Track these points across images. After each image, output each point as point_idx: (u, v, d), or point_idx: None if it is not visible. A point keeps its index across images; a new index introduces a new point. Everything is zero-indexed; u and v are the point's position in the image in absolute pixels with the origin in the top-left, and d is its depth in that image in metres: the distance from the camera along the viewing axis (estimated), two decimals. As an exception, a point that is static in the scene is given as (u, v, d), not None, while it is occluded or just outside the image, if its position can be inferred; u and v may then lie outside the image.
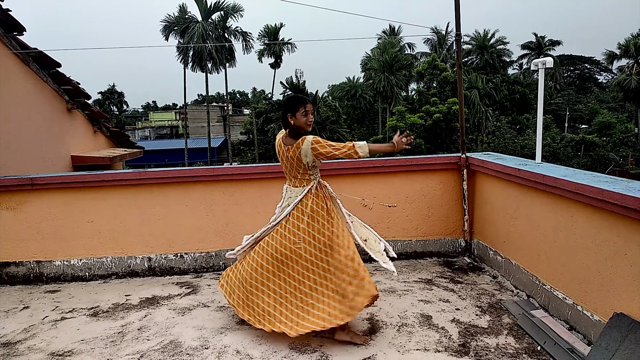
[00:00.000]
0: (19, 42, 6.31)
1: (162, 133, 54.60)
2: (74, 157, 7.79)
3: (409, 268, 4.51)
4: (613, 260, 2.69)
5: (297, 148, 3.06)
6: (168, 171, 4.64)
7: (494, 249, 4.27)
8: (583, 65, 57.38)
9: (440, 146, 29.96)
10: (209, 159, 39.43)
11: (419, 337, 3.12)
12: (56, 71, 7.20)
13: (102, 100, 56.09)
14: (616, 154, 29.46)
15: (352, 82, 45.83)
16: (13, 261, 4.64)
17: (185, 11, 38.44)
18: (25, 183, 4.53)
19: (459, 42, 4.77)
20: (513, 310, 3.44)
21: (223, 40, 38.11)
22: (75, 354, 3.12)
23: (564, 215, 3.15)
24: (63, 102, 7.62)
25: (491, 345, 2.97)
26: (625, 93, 40.26)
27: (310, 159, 3.06)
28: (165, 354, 3.06)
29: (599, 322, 2.80)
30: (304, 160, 3.08)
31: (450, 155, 4.77)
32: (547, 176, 3.22)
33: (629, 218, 2.53)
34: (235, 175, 4.60)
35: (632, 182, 2.81)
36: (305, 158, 3.06)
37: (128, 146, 10.21)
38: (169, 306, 3.87)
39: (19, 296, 4.32)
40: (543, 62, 8.79)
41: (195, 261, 4.70)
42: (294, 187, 3.21)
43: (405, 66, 40.11)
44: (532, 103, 36.85)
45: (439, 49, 45.87)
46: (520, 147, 30.93)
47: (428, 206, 4.73)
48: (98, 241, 4.65)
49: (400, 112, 31.63)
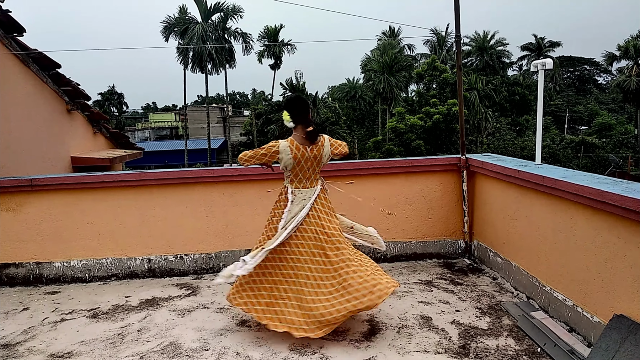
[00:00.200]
0: (19, 43, 6.32)
1: (161, 134, 54.56)
2: (73, 158, 7.79)
3: (409, 269, 4.51)
4: (613, 262, 2.69)
5: (321, 146, 3.19)
6: (168, 172, 4.64)
7: (493, 251, 4.27)
8: (583, 66, 57.41)
9: (440, 147, 29.98)
10: (209, 160, 39.43)
11: (419, 339, 3.12)
12: (56, 72, 7.21)
13: (102, 101, 56.06)
14: (616, 156, 29.45)
15: (351, 83, 45.83)
16: (13, 262, 4.64)
17: (185, 12, 38.45)
18: (25, 184, 4.52)
19: (458, 44, 4.77)
20: (513, 311, 3.43)
21: (223, 42, 38.14)
22: (75, 356, 3.11)
23: (563, 216, 3.15)
24: (63, 103, 7.63)
25: (491, 346, 2.97)
26: (625, 94, 40.28)
27: (328, 157, 3.26)
28: (165, 355, 3.05)
29: (599, 323, 2.80)
30: (324, 158, 3.26)
31: (450, 156, 4.77)
32: (546, 177, 3.22)
33: (629, 219, 2.53)
34: (235, 177, 4.60)
35: (631, 183, 2.81)
36: (325, 156, 3.25)
37: (128, 147, 10.21)
38: (168, 307, 3.87)
39: (18, 297, 4.31)
40: (543, 63, 8.79)
41: (195, 262, 4.69)
42: (304, 188, 3.24)
43: (405, 67, 40.13)
44: (532, 104, 36.87)
45: (438, 50, 45.88)
46: (520, 148, 30.96)
47: (428, 207, 4.73)
48: (98, 242, 4.64)
49: (400, 113, 31.66)
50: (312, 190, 3.26)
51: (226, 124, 46.44)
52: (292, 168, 3.21)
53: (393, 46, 41.75)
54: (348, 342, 3.11)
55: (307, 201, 3.20)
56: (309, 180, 3.25)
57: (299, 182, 3.25)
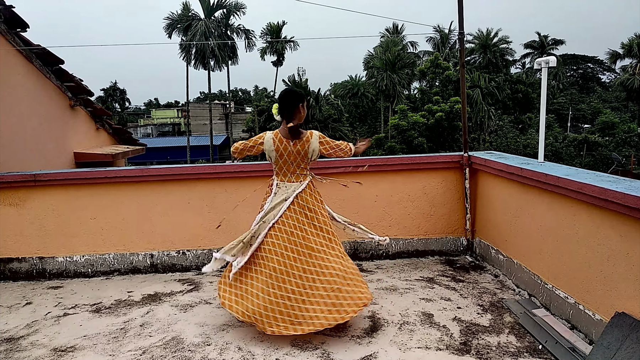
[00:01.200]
0: (22, 38, 6.33)
1: (164, 130, 54.62)
2: (76, 154, 7.81)
3: (411, 266, 4.51)
4: (615, 260, 2.69)
5: (306, 142, 3.16)
6: (170, 168, 4.65)
7: (495, 248, 4.27)
8: (586, 64, 57.18)
9: (443, 145, 29.93)
10: (211, 156, 39.47)
11: (421, 335, 3.13)
12: (59, 68, 7.22)
13: (105, 97, 56.17)
14: (619, 154, 29.31)
15: (354, 81, 45.73)
16: (16, 257, 4.66)
17: (188, 9, 38.43)
18: (29, 179, 4.54)
19: (462, 41, 4.77)
20: (514, 309, 3.44)
21: (225, 38, 38.11)
22: (78, 350, 3.13)
23: (566, 214, 3.15)
24: (66, 99, 7.64)
25: (492, 343, 2.98)
26: (629, 93, 40.17)
27: (316, 154, 3.22)
28: (167, 350, 3.07)
29: (600, 321, 2.80)
30: (310, 155, 3.22)
31: (452, 154, 4.77)
32: (549, 175, 3.22)
33: (631, 217, 2.53)
34: (238, 173, 4.61)
35: (634, 181, 2.81)
36: (312, 153, 3.21)
37: (130, 143, 10.23)
38: (171, 303, 3.88)
39: (21, 292, 4.33)
40: (546, 61, 8.71)
41: (197, 258, 4.71)
42: (290, 182, 3.25)
43: (407, 65, 40.01)
44: (535, 102, 36.78)
45: (441, 48, 45.73)
46: (523, 146, 30.86)
47: (430, 205, 4.73)
48: (100, 238, 4.66)
49: (403, 110, 31.58)
50: (298, 184, 3.25)
51: (228, 120, 46.45)
52: (276, 161, 3.26)
53: (396, 43, 41.66)
54: (349, 338, 3.12)
55: (289, 195, 3.21)
56: (294, 174, 3.26)
57: (283, 176, 3.29)
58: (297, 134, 3.19)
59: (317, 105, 34.97)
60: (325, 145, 3.26)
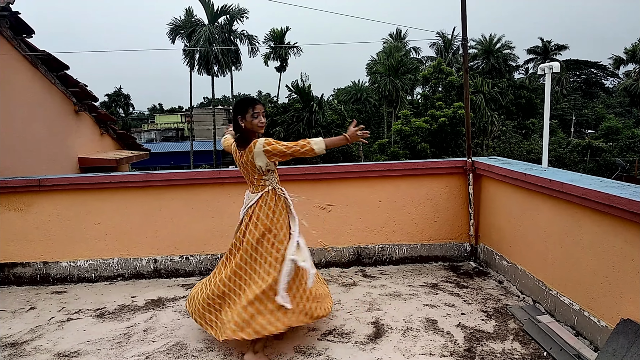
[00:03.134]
0: (27, 44, 6.38)
1: (167, 135, 54.82)
2: (80, 159, 7.85)
3: (414, 272, 4.50)
4: (620, 266, 2.68)
5: (249, 152, 2.94)
6: (174, 174, 4.66)
7: (499, 254, 4.26)
8: (589, 70, 57.20)
9: (446, 150, 29.91)
10: (215, 161, 39.52)
11: (424, 342, 3.11)
12: (64, 73, 7.27)
13: (109, 103, 56.42)
14: (623, 159, 29.21)
15: (357, 86, 45.82)
16: (20, 262, 4.67)
17: (191, 14, 38.61)
18: (33, 184, 4.56)
19: (465, 46, 4.77)
20: (519, 315, 3.42)
21: (229, 44, 38.27)
22: (82, 355, 3.13)
23: (570, 220, 3.14)
24: (70, 104, 7.69)
25: (497, 350, 2.96)
26: (632, 98, 40.08)
27: (263, 162, 2.94)
28: (171, 355, 3.06)
29: (605, 328, 2.78)
30: (257, 164, 2.95)
31: (456, 159, 4.77)
32: (553, 181, 3.21)
33: (636, 223, 2.52)
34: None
35: (639, 187, 2.80)
36: (259, 162, 2.94)
37: (134, 148, 10.28)
38: (174, 308, 3.88)
39: (25, 297, 4.34)
40: (550, 66, 8.71)
41: (200, 263, 4.71)
42: (252, 192, 3.11)
43: (410, 70, 40.10)
44: (538, 108, 36.72)
45: (444, 53, 45.86)
46: (526, 151, 30.79)
47: (434, 210, 4.72)
48: (104, 243, 4.67)
49: (406, 116, 31.62)
50: (255, 196, 3.07)
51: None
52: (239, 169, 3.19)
53: (399, 49, 41.77)
54: (353, 344, 3.11)
55: (245, 206, 3.11)
56: (252, 185, 3.10)
57: (249, 185, 3.17)
58: (242, 145, 3.01)
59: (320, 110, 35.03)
60: (273, 151, 2.89)
